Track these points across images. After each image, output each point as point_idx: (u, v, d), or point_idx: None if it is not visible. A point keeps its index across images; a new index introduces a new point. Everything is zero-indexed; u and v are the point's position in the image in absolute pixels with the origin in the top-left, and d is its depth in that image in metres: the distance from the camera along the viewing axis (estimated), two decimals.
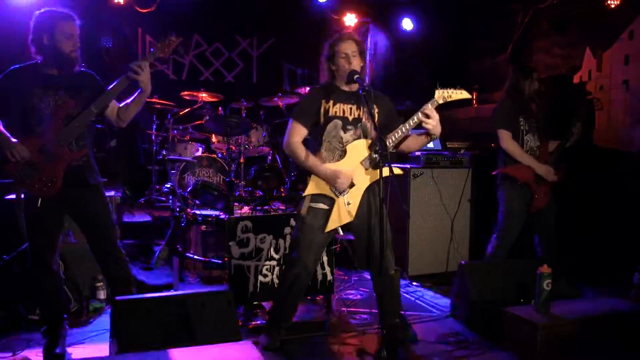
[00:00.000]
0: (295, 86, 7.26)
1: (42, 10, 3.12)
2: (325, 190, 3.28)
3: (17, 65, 3.15)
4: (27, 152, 3.01)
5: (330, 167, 3.25)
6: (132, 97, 3.25)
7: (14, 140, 3.01)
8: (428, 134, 3.25)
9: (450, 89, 3.31)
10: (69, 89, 3.14)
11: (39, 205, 3.08)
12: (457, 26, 7.18)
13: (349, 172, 3.24)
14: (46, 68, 3.14)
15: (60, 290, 3.46)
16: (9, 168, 3.02)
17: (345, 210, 3.27)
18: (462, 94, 3.36)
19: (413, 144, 3.43)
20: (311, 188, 3.30)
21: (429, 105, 3.23)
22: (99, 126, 3.51)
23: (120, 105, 3.29)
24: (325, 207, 3.28)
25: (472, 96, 3.22)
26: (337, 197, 3.26)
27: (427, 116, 3.17)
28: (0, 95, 3.10)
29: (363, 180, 3.30)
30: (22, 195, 3.20)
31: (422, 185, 5.09)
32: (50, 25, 3.07)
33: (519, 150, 4.24)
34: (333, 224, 3.28)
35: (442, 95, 3.29)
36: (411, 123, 3.25)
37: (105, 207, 3.35)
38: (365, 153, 3.29)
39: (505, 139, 4.25)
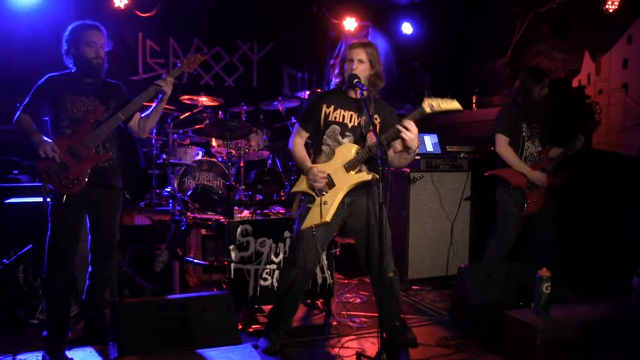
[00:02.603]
0: (296, 90, 7.27)
1: (72, 25, 3.42)
2: (308, 188, 3.34)
3: (55, 73, 3.42)
4: (58, 152, 3.23)
5: (309, 165, 3.35)
6: (152, 108, 3.55)
7: (47, 140, 3.26)
8: (406, 147, 3.17)
9: (439, 98, 3.22)
10: (100, 96, 3.42)
11: (63, 201, 3.29)
12: (457, 30, 7.20)
13: (322, 170, 3.28)
14: (79, 76, 3.41)
15: (69, 294, 3.53)
16: (41, 165, 3.24)
17: (318, 211, 3.28)
18: (452, 104, 3.21)
19: (394, 159, 3.35)
20: (298, 185, 3.41)
21: (415, 114, 3.17)
22: None
23: (142, 116, 3.57)
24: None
25: (466, 106, 3.18)
26: (317, 196, 3.30)
27: (406, 128, 3.09)
28: (37, 99, 3.36)
29: (344, 182, 3.30)
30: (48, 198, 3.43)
31: (421, 189, 5.10)
32: (74, 35, 3.38)
33: (513, 157, 4.25)
34: (306, 223, 3.30)
35: (430, 104, 3.19)
36: (391, 133, 3.18)
37: (117, 212, 3.58)
38: (350, 157, 3.30)
39: (501, 144, 4.28)
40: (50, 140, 3.27)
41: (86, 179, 3.30)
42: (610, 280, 4.61)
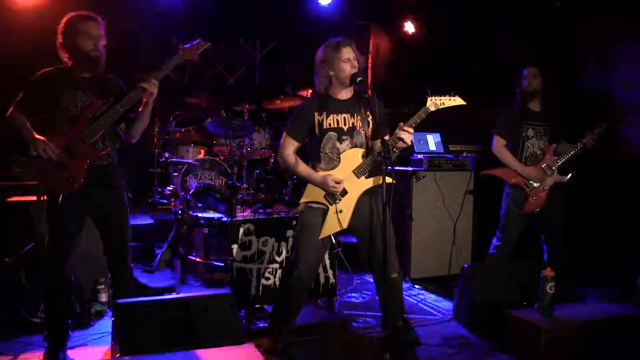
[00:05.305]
0: (298, 89, 7.26)
1: (67, 16, 3.23)
2: (320, 197, 3.29)
3: (49, 68, 3.25)
4: (57, 150, 3.08)
5: (322, 173, 3.28)
6: (137, 113, 3.29)
7: (41, 137, 3.09)
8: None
9: (443, 95, 3.26)
10: (97, 90, 3.25)
11: (59, 202, 3.13)
12: (460, 28, 7.17)
13: (339, 177, 3.24)
14: (76, 70, 3.24)
15: (68, 294, 3.46)
16: (34, 164, 3.09)
17: (336, 219, 3.27)
18: (455, 101, 3.28)
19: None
20: (307, 195, 3.33)
21: (420, 113, 3.23)
22: None
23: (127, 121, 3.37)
24: (324, 207, 3.30)
25: (466, 102, 3.18)
26: (330, 205, 3.27)
27: (408, 132, 3.17)
28: (31, 96, 3.20)
29: (356, 188, 3.29)
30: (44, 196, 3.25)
31: (424, 188, 5.09)
32: (72, 28, 3.19)
33: (506, 156, 4.31)
34: (324, 232, 3.29)
35: (434, 102, 3.24)
36: (395, 138, 3.20)
37: (125, 211, 3.40)
38: (358, 162, 3.29)
39: (497, 144, 4.37)
40: (43, 138, 3.10)
41: (82, 177, 3.12)
42: (615, 280, 4.59)
